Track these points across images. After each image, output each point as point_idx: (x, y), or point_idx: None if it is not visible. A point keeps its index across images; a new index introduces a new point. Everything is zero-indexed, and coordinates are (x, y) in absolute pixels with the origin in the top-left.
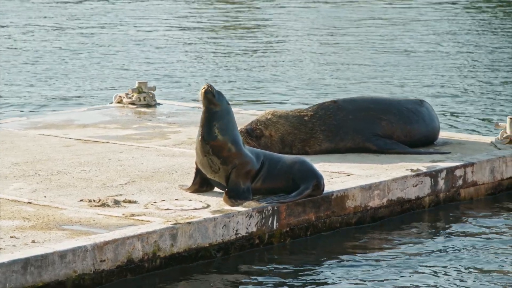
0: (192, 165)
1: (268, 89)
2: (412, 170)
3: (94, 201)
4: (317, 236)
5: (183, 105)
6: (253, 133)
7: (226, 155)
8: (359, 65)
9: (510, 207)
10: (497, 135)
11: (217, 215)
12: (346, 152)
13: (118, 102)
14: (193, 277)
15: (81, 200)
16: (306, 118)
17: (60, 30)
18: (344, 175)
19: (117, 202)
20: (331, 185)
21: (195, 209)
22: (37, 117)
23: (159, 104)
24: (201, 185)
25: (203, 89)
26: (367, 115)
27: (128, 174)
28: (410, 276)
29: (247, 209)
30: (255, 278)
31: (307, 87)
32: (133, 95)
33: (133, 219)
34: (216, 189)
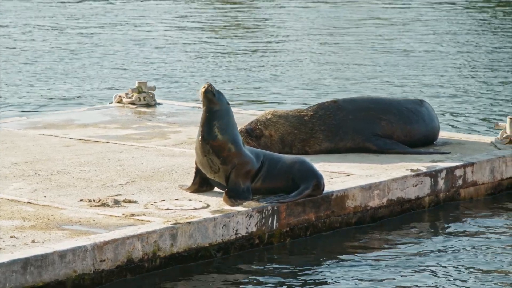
0: (192, 165)
1: (268, 89)
2: (412, 170)
3: (94, 201)
4: (317, 236)
5: (183, 105)
6: (253, 133)
7: (226, 155)
8: (359, 65)
9: (510, 207)
10: (497, 135)
11: (217, 215)
12: (346, 152)
13: (118, 102)
14: (193, 277)
15: (81, 200)
16: (306, 118)
17: (60, 30)
18: (344, 175)
19: (117, 202)
20: (331, 185)
21: (195, 209)
22: (37, 117)
23: (159, 104)
24: (201, 185)
25: (203, 88)
26: (367, 115)
27: (128, 174)
28: (410, 276)
29: (247, 209)
30: (255, 278)
31: (307, 87)
32: (133, 95)
33: (133, 219)
34: (216, 189)
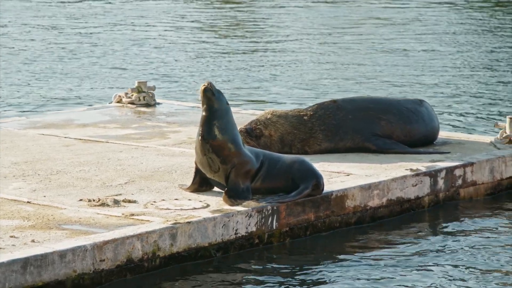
0: (192, 165)
1: (268, 89)
2: (412, 170)
3: (94, 201)
4: (317, 236)
5: (183, 105)
6: (253, 133)
7: (226, 155)
8: (359, 65)
9: (510, 207)
10: (497, 135)
11: (217, 215)
12: (346, 152)
13: (118, 102)
14: (193, 277)
15: (81, 200)
16: (306, 118)
17: (60, 30)
18: (344, 175)
19: (117, 202)
20: (331, 185)
21: (195, 209)
22: (37, 117)
23: (159, 104)
24: (201, 185)
25: (203, 87)
26: (367, 115)
27: (128, 174)
28: (410, 276)
29: (247, 209)
30: (255, 278)
31: (307, 87)
32: (133, 95)
33: (133, 219)
34: (216, 189)
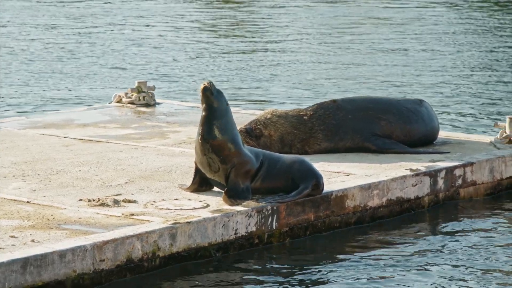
0: (192, 165)
1: (268, 89)
2: (412, 170)
3: (94, 201)
4: (316, 236)
5: (183, 105)
6: (253, 133)
7: (226, 154)
8: (358, 65)
9: (509, 207)
10: (497, 135)
11: (217, 215)
12: (346, 152)
13: (118, 102)
14: (193, 277)
15: (81, 200)
16: (306, 118)
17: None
18: (344, 175)
19: (117, 202)
20: (331, 185)
21: (195, 209)
22: (37, 117)
23: (159, 104)
24: (201, 185)
25: (202, 86)
26: (366, 115)
27: (128, 174)
28: (410, 276)
29: (247, 209)
30: (255, 278)
31: (306, 87)
32: (133, 95)
33: (133, 219)
34: (216, 189)
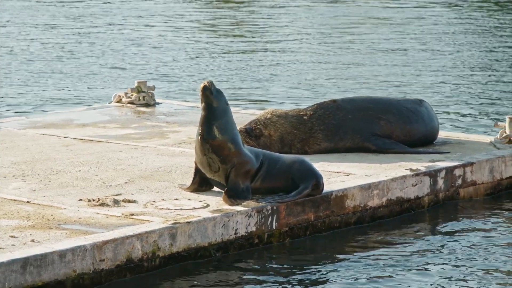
0: (192, 165)
1: (267, 89)
2: (412, 170)
3: (94, 201)
4: (316, 236)
5: (182, 105)
6: (253, 133)
7: (226, 154)
8: (358, 65)
9: (509, 207)
10: (496, 135)
11: (217, 215)
12: (346, 152)
13: (117, 102)
14: (193, 277)
15: (81, 200)
16: (306, 118)
17: (59, 30)
18: (343, 175)
19: (117, 202)
20: (330, 185)
21: (195, 209)
22: (37, 117)
23: (158, 104)
24: (201, 185)
25: (202, 85)
26: (366, 115)
27: (128, 174)
28: (409, 276)
29: (247, 209)
30: (254, 278)
31: (306, 87)
32: (132, 95)
33: (133, 219)
34: (216, 189)
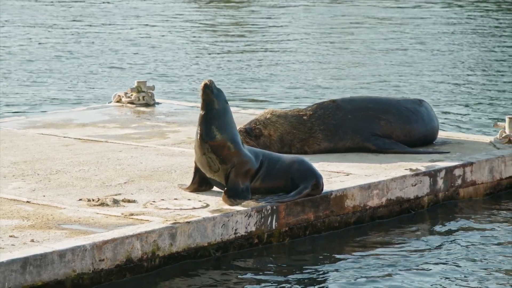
0: (191, 165)
1: (267, 89)
2: (411, 170)
3: (93, 201)
4: (316, 236)
5: (182, 105)
6: (252, 133)
7: (225, 154)
8: (358, 65)
9: (509, 207)
10: (496, 135)
11: (216, 215)
12: (345, 152)
13: (117, 102)
14: (192, 277)
15: (80, 200)
16: (305, 118)
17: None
18: (343, 175)
19: (116, 202)
20: (330, 185)
21: (194, 209)
22: (36, 117)
23: (158, 104)
24: (200, 185)
25: (203, 84)
26: (366, 115)
27: (127, 174)
28: (409, 276)
29: (246, 209)
30: (254, 278)
31: (306, 87)
32: (132, 95)
33: (132, 219)
34: (215, 189)
